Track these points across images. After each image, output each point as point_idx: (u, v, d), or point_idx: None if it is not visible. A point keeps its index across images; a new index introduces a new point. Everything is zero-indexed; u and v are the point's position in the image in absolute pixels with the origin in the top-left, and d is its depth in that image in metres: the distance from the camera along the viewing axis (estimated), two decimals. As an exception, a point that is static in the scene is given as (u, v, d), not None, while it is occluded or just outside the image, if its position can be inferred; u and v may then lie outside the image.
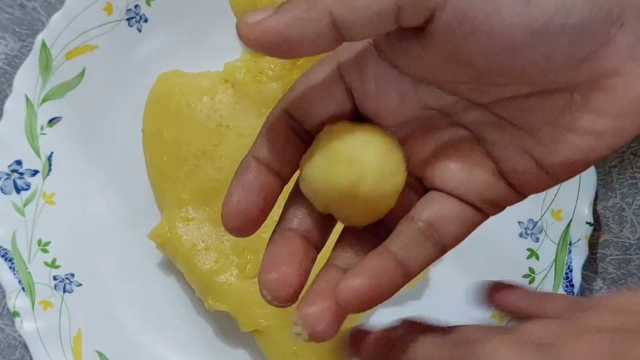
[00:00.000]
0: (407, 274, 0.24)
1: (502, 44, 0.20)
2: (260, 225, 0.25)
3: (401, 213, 0.25)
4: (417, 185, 0.26)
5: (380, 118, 0.25)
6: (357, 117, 0.25)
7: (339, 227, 0.27)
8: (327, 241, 0.27)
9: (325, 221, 0.26)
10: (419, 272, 0.25)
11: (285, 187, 0.26)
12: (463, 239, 0.26)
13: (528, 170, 0.24)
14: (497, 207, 0.26)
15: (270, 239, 0.25)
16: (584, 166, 0.23)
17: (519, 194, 0.25)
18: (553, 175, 0.24)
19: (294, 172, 0.26)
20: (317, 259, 0.26)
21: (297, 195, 0.26)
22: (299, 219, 0.25)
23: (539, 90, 0.22)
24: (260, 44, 0.20)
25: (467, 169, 0.25)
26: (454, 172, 0.25)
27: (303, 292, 0.25)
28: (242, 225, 0.24)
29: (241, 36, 0.21)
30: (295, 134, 0.25)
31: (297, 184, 0.26)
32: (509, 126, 0.23)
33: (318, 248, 0.26)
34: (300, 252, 0.24)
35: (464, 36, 0.21)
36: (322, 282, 0.25)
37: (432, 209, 0.25)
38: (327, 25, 0.20)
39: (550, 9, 0.20)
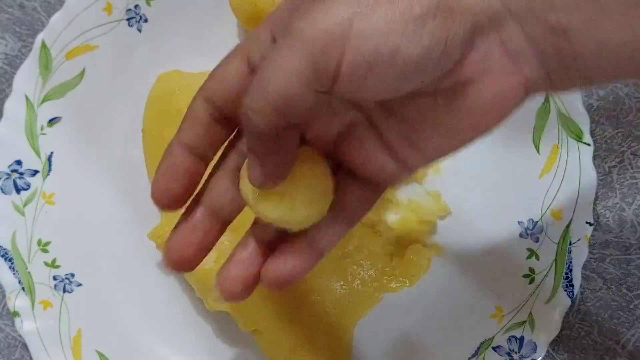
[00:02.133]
0: (320, 254, 0.29)
1: (381, 89, 0.25)
2: (184, 203, 0.28)
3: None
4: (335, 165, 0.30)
5: None
6: None
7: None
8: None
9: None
10: (329, 250, 0.29)
11: None
12: (368, 212, 0.30)
13: (408, 152, 0.28)
14: (393, 180, 0.30)
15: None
16: (449, 154, 0.28)
17: (408, 168, 0.29)
18: (427, 157, 0.28)
19: (215, 155, 0.29)
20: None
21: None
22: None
23: (411, 92, 0.26)
24: None
25: (363, 152, 0.28)
26: (354, 155, 0.29)
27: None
28: (168, 203, 0.28)
29: None
30: (215, 120, 0.28)
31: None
32: (393, 115, 0.27)
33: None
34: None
35: (355, 92, 0.25)
36: (241, 252, 0.29)
37: (342, 193, 0.29)
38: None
39: (414, 55, 0.24)
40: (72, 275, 0.46)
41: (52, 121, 0.46)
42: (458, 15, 0.24)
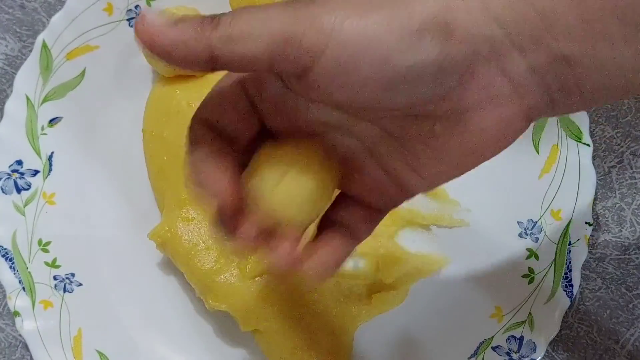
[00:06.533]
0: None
1: (365, 95, 0.24)
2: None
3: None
4: None
5: (279, 133, 0.28)
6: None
7: None
8: None
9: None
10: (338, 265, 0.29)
11: None
12: (374, 229, 0.30)
13: (409, 177, 0.28)
14: (395, 204, 0.30)
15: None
16: (451, 178, 0.28)
17: (409, 193, 0.29)
18: (427, 182, 0.28)
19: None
20: None
21: None
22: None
23: (409, 114, 0.25)
24: (147, 44, 0.24)
25: (362, 180, 0.28)
26: (354, 183, 0.29)
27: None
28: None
29: (135, 29, 0.24)
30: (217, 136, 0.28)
31: None
32: (392, 140, 0.27)
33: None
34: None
35: (334, 89, 0.24)
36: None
37: (344, 214, 0.29)
38: (206, 58, 0.23)
39: (404, 68, 0.23)
40: (73, 275, 0.46)
41: (52, 121, 0.46)
42: (458, 39, 0.23)
